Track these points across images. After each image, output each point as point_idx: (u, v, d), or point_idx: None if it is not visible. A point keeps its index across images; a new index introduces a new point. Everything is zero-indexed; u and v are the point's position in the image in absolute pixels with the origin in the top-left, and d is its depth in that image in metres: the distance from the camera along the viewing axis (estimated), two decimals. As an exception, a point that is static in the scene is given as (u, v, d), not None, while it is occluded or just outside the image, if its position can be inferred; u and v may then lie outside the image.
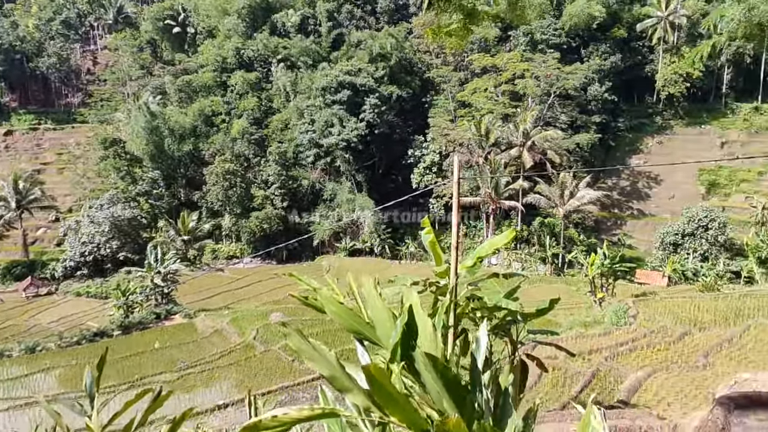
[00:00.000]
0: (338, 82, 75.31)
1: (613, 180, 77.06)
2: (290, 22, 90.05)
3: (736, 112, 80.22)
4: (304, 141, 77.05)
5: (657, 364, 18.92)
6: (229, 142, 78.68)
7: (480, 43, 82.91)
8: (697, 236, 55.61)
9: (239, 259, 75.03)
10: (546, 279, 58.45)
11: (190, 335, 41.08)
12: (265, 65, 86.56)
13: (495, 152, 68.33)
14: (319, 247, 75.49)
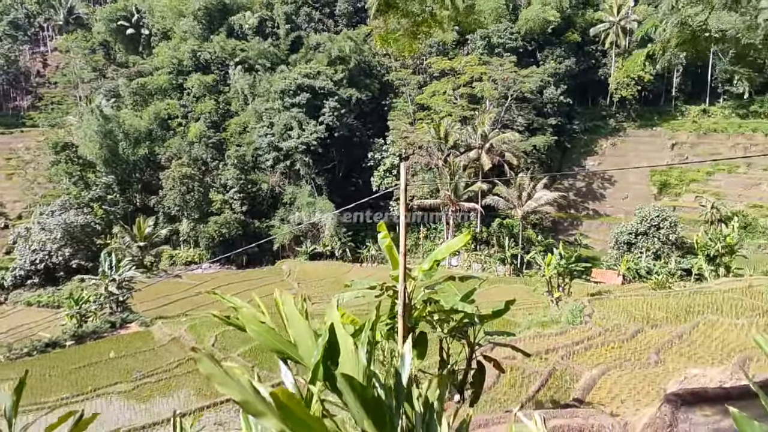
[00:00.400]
0: (297, 85, 74.85)
1: (569, 181, 78.61)
2: (248, 25, 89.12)
3: (685, 115, 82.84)
4: (263, 144, 76.32)
5: (611, 362, 19.32)
6: (186, 146, 77.37)
7: (438, 47, 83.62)
8: (650, 235, 57.18)
9: (198, 265, 73.71)
10: (505, 279, 59.18)
11: (146, 344, 40.16)
12: (223, 68, 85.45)
13: (454, 154, 68.94)
14: (280, 251, 74.82)
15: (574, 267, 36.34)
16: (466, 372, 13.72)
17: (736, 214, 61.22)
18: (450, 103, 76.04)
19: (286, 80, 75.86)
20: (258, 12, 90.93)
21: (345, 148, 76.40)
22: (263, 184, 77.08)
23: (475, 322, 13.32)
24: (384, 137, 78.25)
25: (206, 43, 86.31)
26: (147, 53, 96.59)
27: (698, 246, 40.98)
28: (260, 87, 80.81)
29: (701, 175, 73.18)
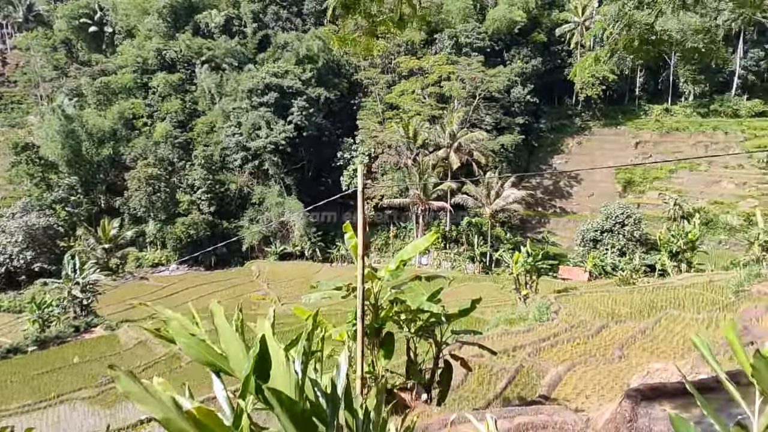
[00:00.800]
0: (265, 84, 74.25)
1: (537, 179, 79.55)
2: (214, 23, 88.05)
3: (649, 114, 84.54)
4: (231, 144, 75.53)
5: (576, 358, 19.58)
6: (151, 146, 76.11)
7: (407, 46, 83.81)
8: (615, 232, 58.23)
9: (165, 267, 72.67)
10: (474, 277, 59.62)
11: (112, 348, 39.40)
12: (189, 66, 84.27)
13: (423, 154, 69.19)
14: (249, 251, 74.12)
15: (541, 264, 36.80)
16: (433, 371, 13.79)
17: (698, 211, 62.76)
18: (419, 103, 76.30)
19: (254, 79, 75.18)
20: (224, 10, 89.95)
21: (314, 148, 76.05)
22: (231, 184, 76.27)
23: (441, 321, 13.42)
24: (353, 136, 78.17)
25: (172, 41, 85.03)
26: (111, 51, 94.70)
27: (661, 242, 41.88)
28: (227, 86, 79.93)
29: (664, 173, 74.79)
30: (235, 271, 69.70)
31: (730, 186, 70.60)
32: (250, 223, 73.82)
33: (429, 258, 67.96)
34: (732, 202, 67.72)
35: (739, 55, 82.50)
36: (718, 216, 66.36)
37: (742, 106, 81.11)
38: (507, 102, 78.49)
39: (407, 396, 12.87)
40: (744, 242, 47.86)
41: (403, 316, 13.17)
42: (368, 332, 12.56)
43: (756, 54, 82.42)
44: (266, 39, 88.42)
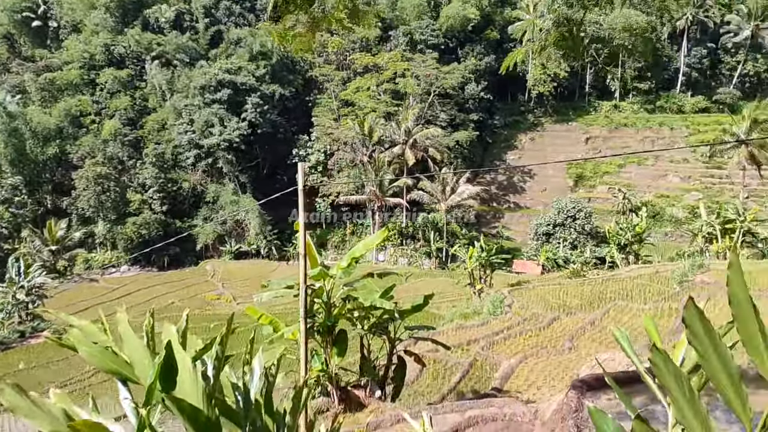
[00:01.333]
0: (218, 80, 73.04)
1: (491, 175, 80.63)
2: (164, 18, 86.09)
3: (598, 110, 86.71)
4: (183, 142, 74.06)
5: (528, 350, 19.92)
6: (100, 144, 73.94)
7: (361, 43, 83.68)
8: (567, 226, 59.57)
9: (116, 268, 70.81)
10: (431, 273, 60.08)
11: (59, 353, 38.16)
12: (138, 62, 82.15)
13: (379, 150, 69.27)
14: (203, 251, 72.90)
15: (495, 259, 37.35)
16: (387, 367, 13.83)
17: (645, 204, 64.66)
18: (374, 99, 76.34)
19: (206, 76, 73.87)
20: (175, 5, 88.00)
21: (269, 145, 75.22)
22: (184, 182, 74.80)
23: (395, 317, 13.46)
24: (309, 133, 77.71)
25: (120, 36, 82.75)
26: (56, 47, 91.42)
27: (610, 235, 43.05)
28: (179, 83, 78.28)
29: (613, 168, 76.84)
30: (189, 271, 68.45)
31: (675, 180, 73.06)
32: (204, 222, 72.56)
33: (385, 254, 68.16)
34: (677, 195, 70.12)
35: (683, 53, 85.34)
36: (664, 209, 68.60)
37: (686, 102, 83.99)
38: (461, 99, 79.29)
39: (361, 393, 12.88)
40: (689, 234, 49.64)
41: (356, 314, 13.16)
42: (321, 330, 12.52)
43: (699, 52, 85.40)
44: (219, 35, 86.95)
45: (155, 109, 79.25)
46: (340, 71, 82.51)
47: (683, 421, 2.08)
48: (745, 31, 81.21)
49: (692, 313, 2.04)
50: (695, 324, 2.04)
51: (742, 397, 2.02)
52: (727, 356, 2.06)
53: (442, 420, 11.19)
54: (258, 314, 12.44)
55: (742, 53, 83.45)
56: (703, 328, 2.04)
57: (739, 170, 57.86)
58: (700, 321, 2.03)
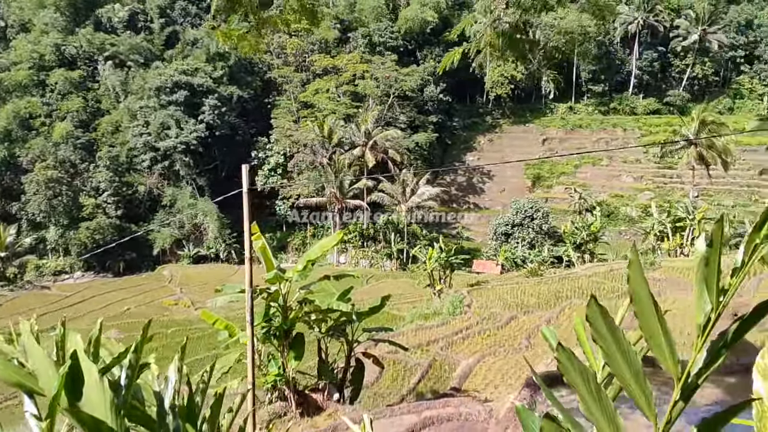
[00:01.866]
0: (174, 82, 71.75)
1: (451, 176, 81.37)
2: (117, 18, 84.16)
3: (554, 112, 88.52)
4: (138, 144, 72.47)
5: (487, 350, 20.13)
6: (51, 147, 71.71)
7: (320, 44, 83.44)
8: (525, 226, 60.52)
9: (69, 275, 68.83)
10: (392, 274, 60.23)
11: None
12: (91, 63, 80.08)
13: (339, 152, 69.09)
14: (160, 255, 71.49)
15: (454, 259, 37.69)
16: (345, 370, 13.80)
17: (600, 204, 66.26)
18: (333, 101, 76.20)
19: (162, 77, 72.50)
20: (128, 4, 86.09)
21: (227, 148, 74.25)
22: (140, 186, 73.19)
23: (352, 319, 13.45)
24: (268, 136, 77.03)
25: (71, 36, 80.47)
26: (3, 47, 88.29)
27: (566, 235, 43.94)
28: (134, 84, 76.61)
29: (569, 168, 78.46)
30: (145, 277, 67.00)
31: (629, 180, 75.04)
32: (161, 226, 71.15)
33: (347, 257, 68.07)
34: (631, 194, 72.03)
35: (635, 56, 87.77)
36: (618, 208, 70.36)
37: (638, 104, 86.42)
38: (420, 101, 79.84)
39: (319, 397, 12.81)
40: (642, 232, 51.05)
41: (314, 317, 13.10)
42: (277, 334, 12.41)
43: (650, 55, 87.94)
44: (174, 35, 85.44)
45: (109, 111, 77.38)
46: (299, 73, 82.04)
47: (591, 418, 2.13)
48: (693, 35, 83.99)
49: (595, 311, 2.09)
50: (598, 322, 2.09)
51: (647, 394, 2.07)
52: (632, 354, 2.12)
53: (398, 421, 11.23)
54: (213, 319, 12.25)
55: (690, 57, 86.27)
56: (607, 326, 2.10)
57: (689, 170, 59.72)
58: (603, 319, 2.08)
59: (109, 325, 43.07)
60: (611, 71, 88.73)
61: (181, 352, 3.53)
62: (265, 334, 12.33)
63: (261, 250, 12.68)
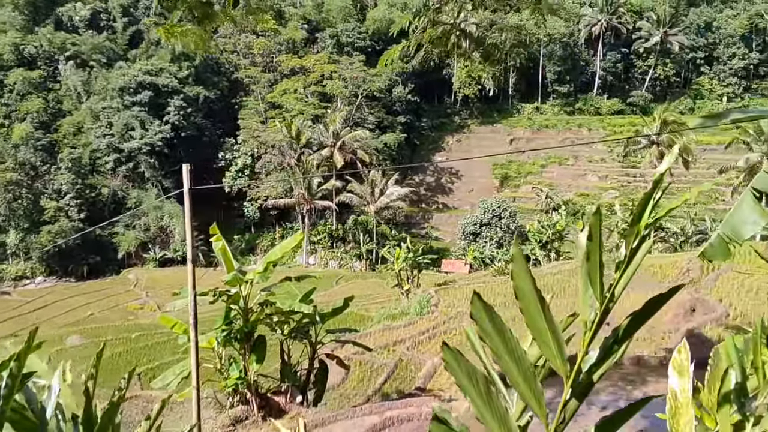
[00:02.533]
0: (138, 82, 70.53)
1: (419, 177, 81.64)
2: (79, 17, 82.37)
3: (521, 112, 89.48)
4: (102, 146, 71.05)
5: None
6: (10, 149, 69.75)
7: (288, 45, 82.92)
8: (493, 225, 61.03)
9: (30, 280, 67.11)
10: (362, 275, 60.12)
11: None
12: (52, 63, 78.22)
13: (307, 153, 68.72)
14: (125, 259, 70.17)
15: (422, 259, 37.78)
16: (309, 372, 13.69)
17: (567, 203, 67.10)
18: (301, 102, 75.81)
19: (126, 77, 71.22)
20: (90, 3, 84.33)
21: (194, 149, 73.22)
22: (104, 188, 71.72)
23: (316, 321, 13.35)
24: (235, 137, 76.25)
25: (31, 35, 78.47)
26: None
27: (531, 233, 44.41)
28: (96, 84, 75.09)
29: (536, 168, 79.41)
30: (110, 281, 65.62)
31: (594, 179, 76.26)
32: (126, 229, 69.86)
33: (316, 258, 67.80)
34: (596, 193, 73.15)
35: (599, 57, 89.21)
36: (584, 207, 71.36)
37: (602, 104, 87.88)
38: (389, 101, 79.92)
39: (281, 399, 12.69)
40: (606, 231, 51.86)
41: (276, 318, 12.97)
42: (239, 337, 12.25)
43: (613, 57, 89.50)
44: (138, 35, 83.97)
45: (71, 111, 75.70)
46: (266, 73, 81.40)
47: (482, 419, 2.11)
48: (655, 37, 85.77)
49: (479, 308, 2.06)
50: (483, 320, 2.06)
51: (537, 393, 2.06)
52: (520, 352, 2.10)
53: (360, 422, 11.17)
54: (172, 323, 12.05)
55: (652, 58, 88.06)
56: (493, 324, 2.07)
57: (652, 168, 60.92)
58: (489, 317, 2.06)
59: (71, 331, 42.10)
60: (576, 72, 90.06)
61: (96, 359, 3.40)
62: (225, 337, 12.16)
63: (221, 251, 12.51)
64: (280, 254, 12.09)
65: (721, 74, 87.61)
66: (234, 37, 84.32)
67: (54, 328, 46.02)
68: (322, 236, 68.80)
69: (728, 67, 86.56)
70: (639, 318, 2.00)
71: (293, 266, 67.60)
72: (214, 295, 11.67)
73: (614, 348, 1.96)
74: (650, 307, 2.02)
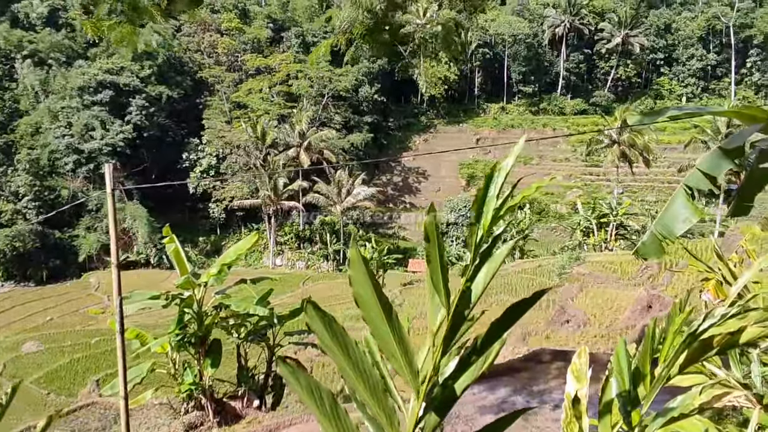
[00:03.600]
0: (98, 81, 68.93)
1: (387, 176, 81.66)
2: (36, 14, 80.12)
3: (487, 112, 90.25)
4: (61, 146, 69.17)
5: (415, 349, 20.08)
6: (-36, 150, 67.68)
7: (253, 44, 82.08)
8: (459, 224, 61.39)
9: (-14, 285, 65.04)
10: (329, 275, 59.78)
11: None
12: (7, 61, 75.89)
13: (273, 154, 68.14)
14: (87, 262, 68.50)
15: (387, 259, 37.75)
16: (267, 376, 13.49)
17: (532, 202, 67.86)
18: (267, 101, 75.13)
19: (85, 76, 69.51)
20: (48, 0, 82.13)
21: (157, 149, 71.95)
22: (63, 190, 69.79)
23: (273, 323, 13.15)
24: (199, 137, 75.08)
25: (-15, 33, 76.13)
26: None
27: (496, 232, 44.83)
28: (55, 83, 73.10)
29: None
30: (70, 285, 63.94)
31: (558, 178, 77.23)
32: (87, 231, 68.22)
33: (283, 258, 67.28)
34: (560, 192, 74.20)
35: (562, 58, 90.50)
36: (549, 205, 72.36)
37: (566, 104, 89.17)
38: (355, 101, 79.71)
39: (238, 404, 12.48)
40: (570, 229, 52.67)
41: (232, 322, 12.75)
42: (193, 341, 12.00)
43: (576, 57, 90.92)
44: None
45: (28, 111, 73.51)
46: (231, 73, 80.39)
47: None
48: (616, 38, 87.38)
49: (314, 317, 1.95)
50: (321, 332, 1.95)
51: (387, 409, 1.95)
52: (366, 364, 1.99)
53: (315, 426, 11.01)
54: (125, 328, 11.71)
55: (614, 59, 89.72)
56: (332, 334, 1.96)
57: (614, 167, 62.02)
58: (326, 327, 1.95)
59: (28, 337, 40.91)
60: (540, 72, 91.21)
61: (10, 394, 3.21)
62: (179, 341, 11.89)
63: (173, 254, 12.26)
64: (234, 256, 11.89)
65: (680, 75, 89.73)
66: (198, 35, 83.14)
67: (11, 334, 44.69)
68: (289, 237, 68.29)
69: (687, 68, 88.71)
70: (499, 326, 1.92)
71: (259, 267, 66.97)
72: (167, 299, 11.40)
73: (473, 359, 1.87)
74: (511, 314, 1.93)
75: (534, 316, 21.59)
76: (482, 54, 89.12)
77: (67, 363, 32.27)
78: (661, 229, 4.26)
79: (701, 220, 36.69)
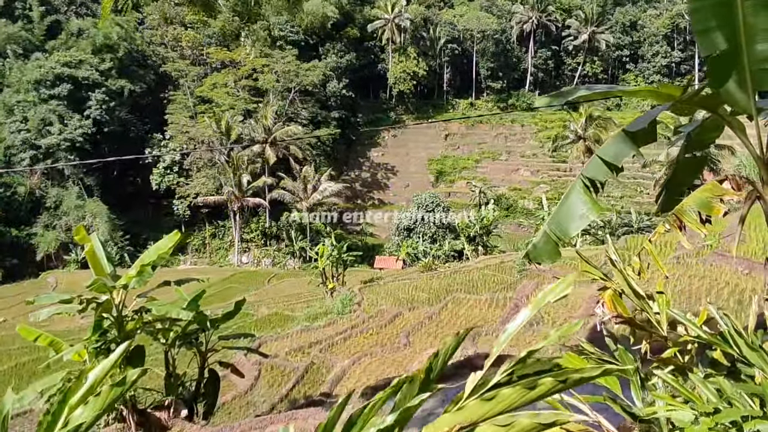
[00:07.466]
0: (55, 74, 66.75)
1: (355, 172, 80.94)
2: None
3: (456, 108, 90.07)
4: (17, 142, 66.94)
5: (368, 349, 19.56)
6: None
7: (218, 37, 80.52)
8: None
9: (-61, 285, 62.69)
10: (294, 273, 58.96)
11: None
12: (-39, 54, 73.34)
13: (238, 149, 66.86)
14: (45, 261, 66.49)
15: (347, 256, 37.08)
16: (198, 383, 12.73)
17: (500, 197, 67.90)
18: (232, 96, 73.73)
19: (42, 69, 67.27)
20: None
21: (118, 145, 69.99)
22: (19, 186, 67.66)
23: (206, 327, 12.41)
24: (163, 132, 73.45)
25: (-64, 23, 73.33)
26: None
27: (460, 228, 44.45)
28: (11, 76, 70.69)
29: (471, 163, 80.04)
30: (27, 284, 61.98)
31: (526, 173, 77.46)
32: (45, 229, 66.22)
33: (249, 256, 66.18)
34: (528, 188, 74.37)
35: (530, 54, 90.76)
36: (517, 201, 72.45)
37: (534, 100, 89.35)
38: (323, 96, 78.75)
39: (163, 415, 11.70)
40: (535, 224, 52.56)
41: (159, 326, 11.98)
42: (112, 348, 11.20)
43: (544, 54, 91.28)
44: (57, 25, 79.58)
45: (-18, 105, 71.08)
46: (195, 67, 78.72)
47: None
48: (583, 35, 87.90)
49: None
50: None
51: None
52: None
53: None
54: (34, 335, 10.88)
55: (581, 55, 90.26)
56: None
57: (579, 163, 62.25)
58: None
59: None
60: (509, 68, 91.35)
61: None
62: (98, 348, 11.08)
63: (89, 254, 11.42)
64: (155, 255, 11.09)
65: (646, 72, 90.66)
66: (161, 28, 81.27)
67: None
68: (254, 234, 67.15)
69: (652, 65, 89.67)
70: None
71: (225, 265, 65.76)
72: (81, 303, 10.57)
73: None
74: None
75: (490, 315, 21.14)
76: (451, 50, 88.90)
77: (12, 367, 30.99)
78: (555, 228, 3.68)
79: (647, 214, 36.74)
